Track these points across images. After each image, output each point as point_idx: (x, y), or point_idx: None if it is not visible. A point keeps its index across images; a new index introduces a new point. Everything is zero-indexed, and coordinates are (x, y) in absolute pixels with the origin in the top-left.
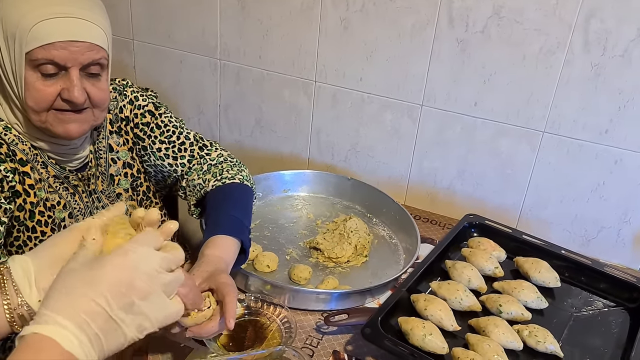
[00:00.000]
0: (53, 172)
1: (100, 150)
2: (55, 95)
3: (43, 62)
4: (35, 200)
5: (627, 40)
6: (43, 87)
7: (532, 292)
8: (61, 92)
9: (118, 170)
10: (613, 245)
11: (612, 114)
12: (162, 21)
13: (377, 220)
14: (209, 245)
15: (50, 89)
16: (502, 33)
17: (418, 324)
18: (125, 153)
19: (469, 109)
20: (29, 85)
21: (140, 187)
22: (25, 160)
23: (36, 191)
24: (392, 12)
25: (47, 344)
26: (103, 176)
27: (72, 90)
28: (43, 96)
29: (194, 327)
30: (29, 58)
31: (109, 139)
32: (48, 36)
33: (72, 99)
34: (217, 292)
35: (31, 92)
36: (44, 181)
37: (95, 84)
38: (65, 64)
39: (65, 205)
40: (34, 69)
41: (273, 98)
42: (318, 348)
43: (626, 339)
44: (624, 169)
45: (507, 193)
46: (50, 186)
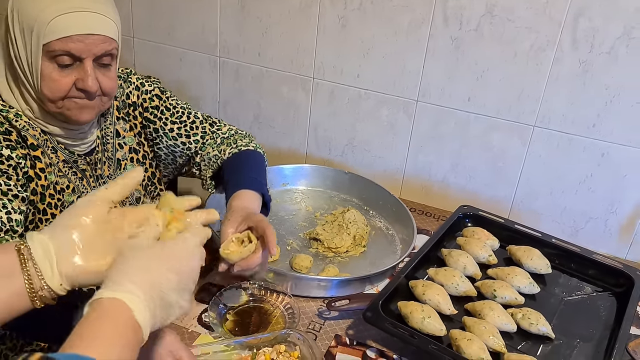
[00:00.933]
0: (62, 156)
1: (107, 135)
2: (71, 85)
3: (60, 53)
4: (46, 183)
5: (613, 38)
6: (59, 78)
7: (525, 278)
8: (76, 82)
9: (124, 155)
10: (600, 236)
11: (599, 109)
12: (162, 19)
13: (374, 213)
14: (235, 198)
15: (66, 79)
16: (494, 31)
17: (417, 308)
18: (132, 139)
19: (462, 104)
20: (45, 75)
21: (145, 173)
22: (36, 145)
23: (47, 175)
24: (388, 11)
25: (122, 311)
26: (110, 161)
27: (86, 80)
28: (59, 86)
29: (241, 262)
30: (46, 49)
31: (116, 125)
32: (66, 29)
33: (86, 88)
34: (255, 229)
35: (47, 82)
36: (54, 165)
37: (106, 74)
38: (81, 55)
39: (74, 189)
40: (51, 60)
41: (272, 94)
42: (320, 332)
43: (613, 322)
44: (611, 162)
45: (499, 185)
46: (60, 170)
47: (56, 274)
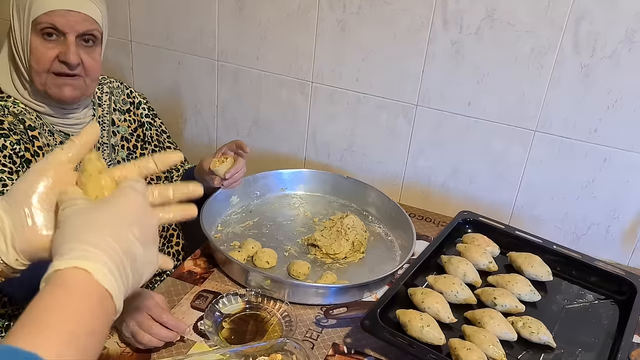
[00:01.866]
0: (59, 138)
1: (104, 123)
2: (54, 57)
3: (45, 26)
4: None
5: (615, 42)
6: (44, 50)
7: (526, 286)
8: (59, 54)
9: (117, 142)
10: (602, 242)
11: (601, 114)
12: (160, 23)
13: (372, 218)
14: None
15: (50, 51)
16: (495, 35)
17: (416, 316)
18: (125, 129)
19: (462, 109)
20: (33, 48)
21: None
22: (33, 126)
23: (44, 152)
24: (387, 14)
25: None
26: (104, 146)
27: (67, 53)
28: (43, 57)
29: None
30: (35, 24)
31: (112, 115)
32: (50, 4)
33: (67, 59)
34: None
35: (34, 54)
36: (52, 146)
37: (89, 53)
38: (64, 29)
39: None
40: (38, 34)
41: (270, 98)
42: (318, 341)
43: (616, 330)
44: (613, 167)
45: (500, 191)
46: None
47: (11, 249)
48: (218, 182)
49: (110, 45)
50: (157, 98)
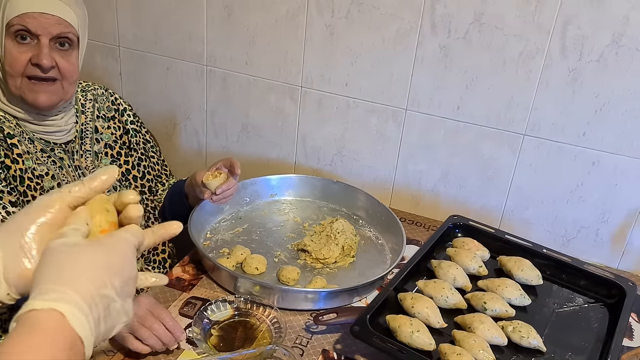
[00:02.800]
0: (40, 146)
1: (87, 130)
2: (27, 61)
3: (18, 28)
4: (23, 167)
5: (602, 46)
6: (17, 53)
7: (516, 290)
8: (32, 57)
9: (100, 149)
10: (592, 245)
11: (589, 117)
12: (148, 28)
13: (363, 222)
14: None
15: (23, 55)
16: (483, 39)
17: (406, 322)
18: (108, 136)
19: (451, 113)
20: (7, 52)
21: (119, 169)
22: (12, 134)
23: (24, 160)
24: (376, 19)
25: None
26: (87, 153)
27: (40, 55)
28: (16, 60)
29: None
30: (8, 27)
31: (95, 122)
32: (24, 7)
33: (39, 62)
34: (222, 165)
35: (8, 57)
36: (32, 154)
37: (64, 57)
38: (37, 31)
39: (53, 176)
40: (11, 36)
41: (259, 103)
42: (308, 347)
43: (605, 334)
44: (601, 170)
45: (490, 195)
46: (38, 159)
47: (3, 283)
48: (208, 195)
49: (98, 51)
50: (145, 103)
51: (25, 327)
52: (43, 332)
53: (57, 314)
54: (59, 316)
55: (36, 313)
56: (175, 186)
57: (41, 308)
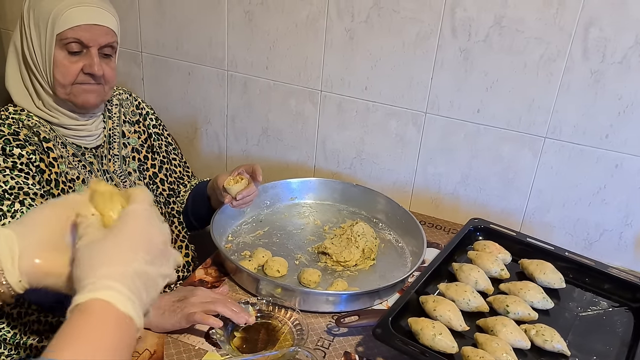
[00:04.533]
0: (72, 150)
1: (114, 135)
2: (79, 71)
3: (71, 40)
4: (58, 171)
5: (625, 48)
6: (69, 64)
7: (538, 293)
8: (83, 67)
9: (128, 153)
10: (615, 248)
11: (612, 119)
12: (170, 33)
13: (383, 225)
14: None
15: (75, 65)
16: (503, 42)
17: (428, 324)
18: (135, 140)
19: (472, 116)
20: (57, 62)
21: (146, 172)
22: (48, 138)
23: (58, 164)
24: (396, 23)
25: (105, 308)
26: (115, 157)
27: (93, 66)
28: (69, 71)
29: (242, 192)
30: (59, 38)
31: (122, 127)
32: (76, 19)
33: (93, 72)
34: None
35: (59, 68)
36: (65, 157)
37: (108, 64)
38: (88, 43)
39: (83, 180)
40: (62, 48)
41: (279, 107)
42: (329, 349)
43: (631, 338)
44: (625, 173)
45: (510, 198)
46: (70, 163)
47: (16, 270)
48: (228, 200)
49: (121, 57)
50: (167, 108)
51: (73, 320)
52: (90, 318)
53: (98, 302)
54: (101, 302)
55: (81, 306)
56: (197, 187)
57: (84, 301)
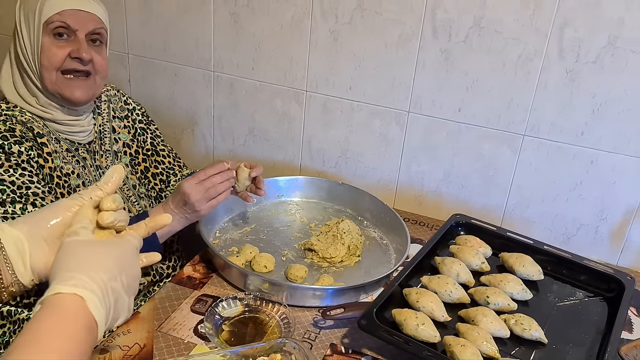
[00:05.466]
0: (65, 145)
1: (104, 131)
2: (65, 56)
3: (57, 25)
4: (53, 165)
5: (598, 48)
6: (56, 49)
7: (517, 285)
8: (70, 52)
9: (119, 148)
10: (592, 242)
11: (587, 117)
12: (156, 35)
13: (368, 223)
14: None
15: (62, 50)
16: (482, 42)
17: (411, 315)
18: (126, 135)
19: (453, 114)
20: (45, 48)
21: (138, 166)
22: (42, 133)
23: (53, 159)
24: (379, 24)
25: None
26: (107, 153)
27: (80, 49)
28: (56, 55)
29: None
30: (46, 24)
31: (112, 122)
32: (63, 4)
33: (80, 55)
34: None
35: (46, 53)
36: (59, 152)
37: (97, 52)
38: (75, 27)
39: (78, 175)
40: (49, 33)
41: (265, 108)
42: (316, 341)
43: (605, 326)
44: (600, 169)
45: (491, 194)
46: (64, 158)
47: (29, 271)
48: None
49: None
50: (154, 109)
51: (50, 309)
52: (66, 312)
53: (78, 298)
54: (79, 300)
55: (60, 296)
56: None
57: (65, 292)
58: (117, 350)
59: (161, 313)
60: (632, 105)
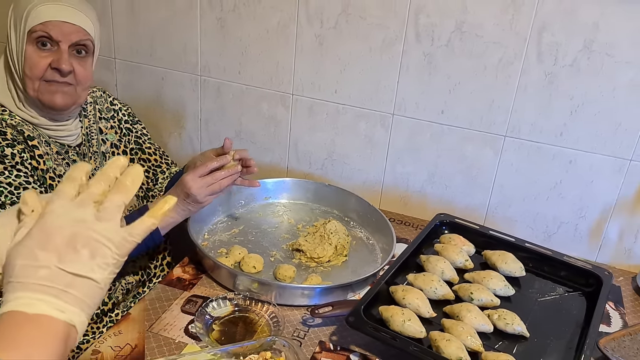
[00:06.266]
0: (55, 148)
1: (92, 132)
2: (47, 65)
3: (40, 34)
4: (45, 167)
5: (575, 51)
6: (38, 58)
7: (500, 281)
8: (51, 62)
9: (107, 149)
10: (572, 240)
11: (565, 118)
12: (143, 40)
13: (354, 224)
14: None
15: (44, 60)
16: (464, 46)
17: (397, 312)
18: (113, 136)
19: (436, 116)
20: (28, 56)
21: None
22: (32, 136)
23: (45, 160)
24: (363, 29)
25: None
26: (95, 155)
27: (60, 60)
28: (37, 65)
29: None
30: (30, 33)
31: (98, 124)
32: (46, 15)
33: (59, 67)
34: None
35: (28, 62)
36: (50, 154)
37: (81, 63)
38: (57, 38)
39: None
40: (33, 42)
41: (252, 111)
42: (305, 339)
43: (584, 320)
44: (578, 169)
45: (474, 194)
46: (55, 160)
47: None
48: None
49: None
50: (141, 113)
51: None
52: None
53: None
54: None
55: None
56: (177, 175)
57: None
58: (109, 351)
59: (152, 314)
60: (607, 106)
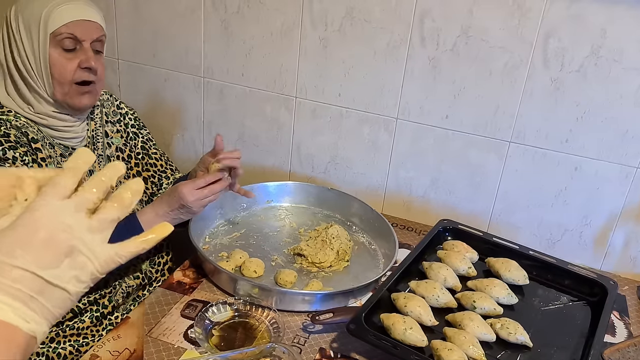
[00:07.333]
0: (59, 150)
1: (98, 135)
2: (75, 68)
3: (65, 36)
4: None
5: (581, 57)
6: (65, 61)
7: (503, 289)
8: (80, 63)
9: (112, 153)
10: (576, 247)
11: (571, 124)
12: (146, 41)
13: (356, 228)
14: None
15: (71, 62)
16: (469, 51)
17: (399, 320)
18: (118, 139)
19: (440, 121)
20: (54, 61)
21: (130, 171)
22: (36, 139)
23: (47, 164)
24: (368, 32)
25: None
26: (100, 157)
27: (88, 59)
28: (66, 68)
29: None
30: (54, 36)
31: (105, 127)
32: (69, 16)
33: (90, 65)
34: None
35: (57, 66)
36: (53, 158)
37: (98, 60)
38: (82, 37)
39: None
40: (56, 45)
41: (255, 114)
42: (305, 346)
43: (588, 330)
44: (583, 175)
45: (478, 200)
46: (59, 163)
47: None
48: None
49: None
50: (143, 114)
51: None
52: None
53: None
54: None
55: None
56: (180, 180)
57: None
58: (108, 356)
59: (151, 318)
60: (614, 113)
